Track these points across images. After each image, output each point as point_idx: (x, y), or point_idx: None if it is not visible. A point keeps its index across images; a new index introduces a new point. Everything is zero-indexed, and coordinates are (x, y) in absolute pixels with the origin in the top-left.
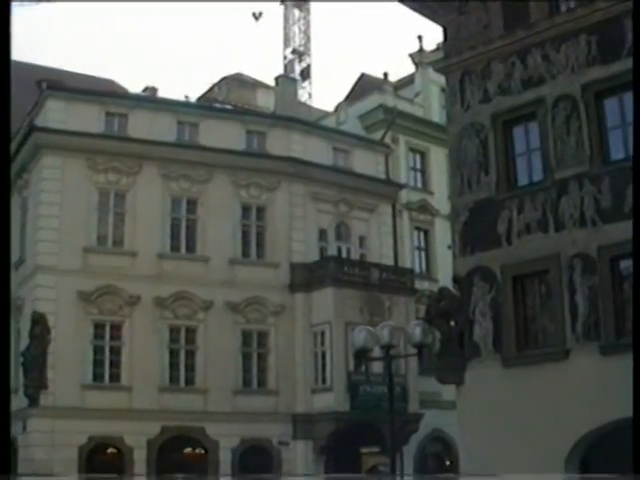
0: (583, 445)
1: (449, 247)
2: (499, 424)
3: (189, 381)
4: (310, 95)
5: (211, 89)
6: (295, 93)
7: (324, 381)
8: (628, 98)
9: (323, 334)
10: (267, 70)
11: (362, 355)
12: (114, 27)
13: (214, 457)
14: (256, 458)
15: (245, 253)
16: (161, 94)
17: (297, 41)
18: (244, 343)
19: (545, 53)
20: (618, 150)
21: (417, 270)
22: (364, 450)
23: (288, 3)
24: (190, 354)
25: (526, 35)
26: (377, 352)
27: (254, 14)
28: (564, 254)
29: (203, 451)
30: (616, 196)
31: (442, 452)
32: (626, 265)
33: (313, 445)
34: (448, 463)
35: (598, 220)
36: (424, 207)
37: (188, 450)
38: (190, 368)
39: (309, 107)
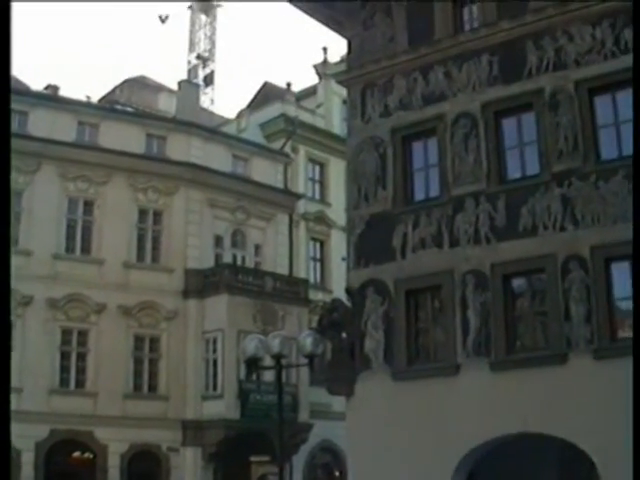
0: (471, 459)
1: (343, 259)
2: (388, 436)
3: (79, 384)
4: (212, 101)
5: (113, 90)
6: (197, 98)
7: (215, 388)
8: (526, 118)
9: (215, 341)
10: (171, 74)
11: (253, 363)
12: (18, 22)
13: (102, 462)
14: (145, 464)
15: (140, 257)
16: (63, 93)
17: (202, 46)
18: (136, 347)
19: (447, 70)
20: (515, 169)
21: (312, 281)
22: (254, 459)
23: (195, 7)
24: (81, 357)
25: (429, 52)
26: (269, 361)
27: (160, 17)
28: (457, 270)
29: (92, 455)
30: (511, 215)
31: (331, 462)
32: (518, 283)
33: (202, 452)
34: (337, 474)
35: (492, 238)
36: (321, 218)
37: (77, 454)
38: (81, 371)
39: (211, 113)
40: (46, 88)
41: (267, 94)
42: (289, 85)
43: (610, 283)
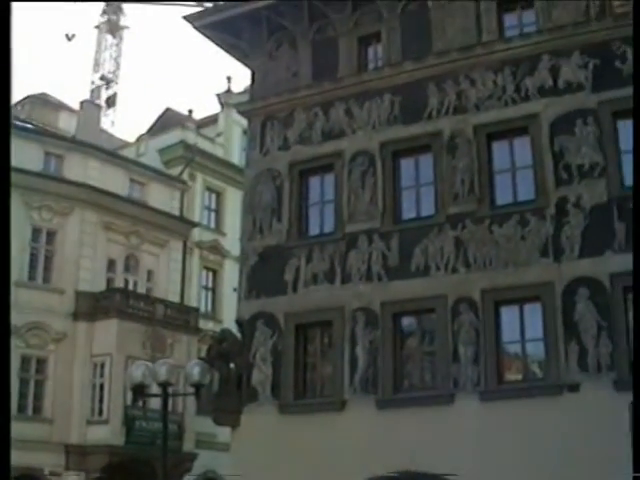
0: None
1: (235, 289)
2: (272, 470)
3: None
4: (113, 123)
5: (14, 106)
6: (98, 119)
7: (101, 413)
8: (424, 160)
9: (103, 365)
10: (74, 93)
11: (139, 390)
12: None
13: None
14: None
15: (31, 276)
16: None
17: (107, 67)
18: (22, 368)
19: (349, 107)
20: (410, 209)
21: (203, 309)
22: None
23: (102, 28)
24: None
25: (332, 88)
26: (156, 388)
27: (67, 35)
28: (348, 307)
29: None
30: (404, 254)
31: None
32: (408, 322)
33: (86, 477)
34: None
35: (384, 276)
36: (215, 247)
37: None
38: None
39: (111, 135)
40: None
41: (168, 120)
42: (190, 112)
43: (499, 326)
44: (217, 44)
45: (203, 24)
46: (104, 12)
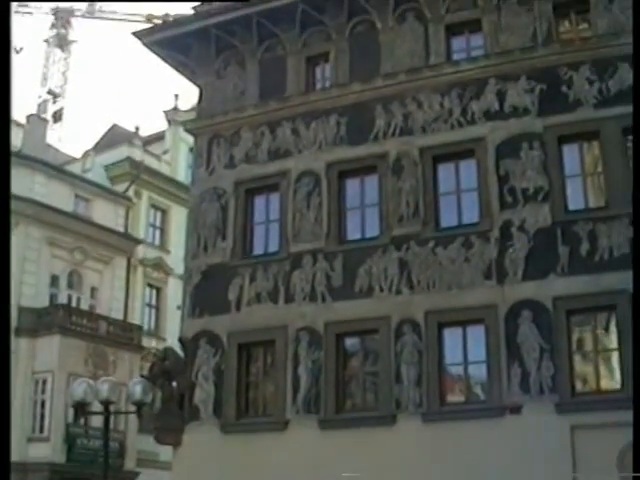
0: None
1: (178, 307)
2: None
3: None
4: (60, 138)
5: None
6: (44, 134)
7: (42, 430)
8: (369, 181)
9: (45, 382)
10: (21, 107)
11: (81, 408)
12: None
13: None
14: None
15: None
16: None
17: (54, 82)
18: None
19: (295, 127)
20: (355, 230)
21: (146, 327)
22: None
23: (51, 42)
24: None
25: (279, 107)
26: (98, 406)
27: (15, 48)
28: (292, 326)
29: None
30: (348, 275)
31: None
32: (352, 342)
33: None
34: None
35: (328, 296)
36: (159, 265)
37: None
38: None
39: (57, 150)
40: None
41: (115, 136)
42: (137, 129)
43: (442, 348)
44: (166, 61)
45: (152, 41)
46: (53, 26)
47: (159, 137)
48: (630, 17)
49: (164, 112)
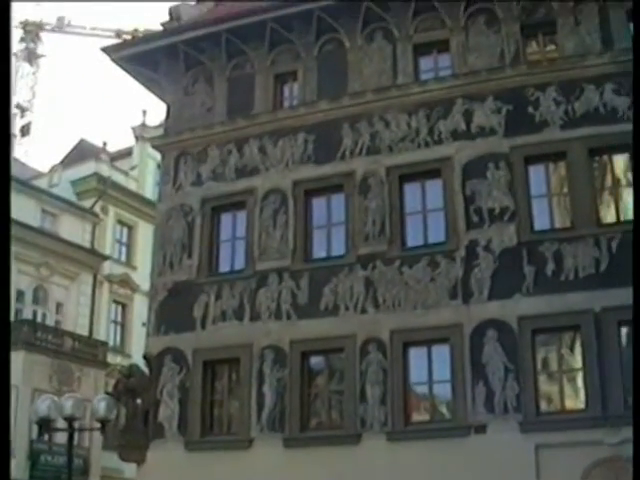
0: None
1: (144, 324)
2: None
3: None
4: (27, 153)
5: None
6: (12, 148)
7: None
8: (336, 199)
9: None
10: None
11: (45, 424)
12: None
13: None
14: None
15: None
16: None
17: (22, 96)
18: None
19: (262, 145)
20: (321, 249)
21: (112, 343)
22: None
23: (19, 55)
24: None
25: (246, 125)
26: (62, 422)
27: None
28: (257, 344)
29: None
30: (313, 293)
31: None
32: (317, 361)
33: None
34: None
35: (293, 314)
36: (125, 281)
37: None
38: None
39: (24, 165)
40: None
41: (82, 151)
42: (105, 144)
43: (407, 367)
44: (134, 77)
45: (120, 56)
46: (22, 39)
47: (127, 153)
48: (597, 40)
49: (132, 128)
